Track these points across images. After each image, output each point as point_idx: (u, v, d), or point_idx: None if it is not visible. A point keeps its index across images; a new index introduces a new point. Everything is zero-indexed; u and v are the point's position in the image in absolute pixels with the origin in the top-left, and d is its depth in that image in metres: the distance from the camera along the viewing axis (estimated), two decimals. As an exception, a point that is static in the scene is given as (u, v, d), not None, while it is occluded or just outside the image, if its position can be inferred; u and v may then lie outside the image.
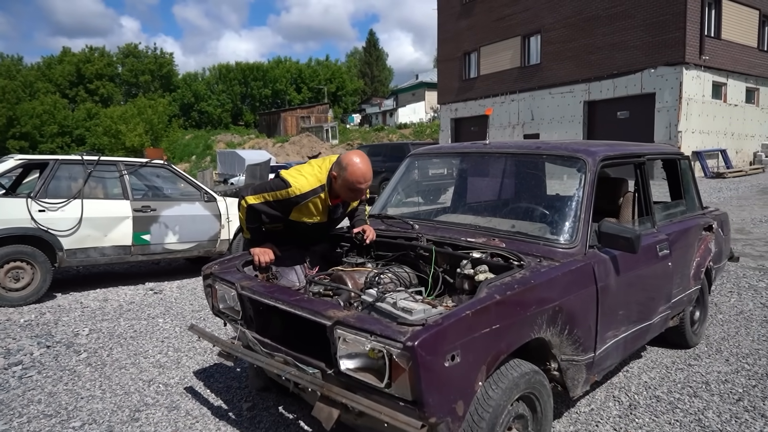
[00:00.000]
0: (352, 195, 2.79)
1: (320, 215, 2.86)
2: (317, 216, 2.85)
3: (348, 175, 2.69)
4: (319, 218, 2.87)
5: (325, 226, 2.97)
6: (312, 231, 2.97)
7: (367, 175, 2.72)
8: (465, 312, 1.91)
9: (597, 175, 2.75)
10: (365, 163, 2.73)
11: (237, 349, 2.51)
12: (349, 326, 1.96)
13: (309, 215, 2.83)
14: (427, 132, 39.62)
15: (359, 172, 2.69)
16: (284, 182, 2.76)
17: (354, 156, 2.73)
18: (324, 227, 2.98)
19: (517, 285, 2.15)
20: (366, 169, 2.72)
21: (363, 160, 2.72)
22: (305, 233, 3.01)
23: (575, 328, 2.38)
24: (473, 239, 2.74)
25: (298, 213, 2.82)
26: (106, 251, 5.87)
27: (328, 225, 3.00)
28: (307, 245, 3.15)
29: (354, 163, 2.70)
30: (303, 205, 2.78)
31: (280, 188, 2.76)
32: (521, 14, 22.95)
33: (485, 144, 3.28)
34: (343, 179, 2.71)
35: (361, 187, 2.73)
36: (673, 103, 17.93)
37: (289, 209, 2.81)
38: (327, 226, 2.99)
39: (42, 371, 3.63)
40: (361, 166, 2.69)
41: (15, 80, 50.10)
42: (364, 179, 2.71)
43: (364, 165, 2.71)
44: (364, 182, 2.71)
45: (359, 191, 2.76)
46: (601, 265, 2.57)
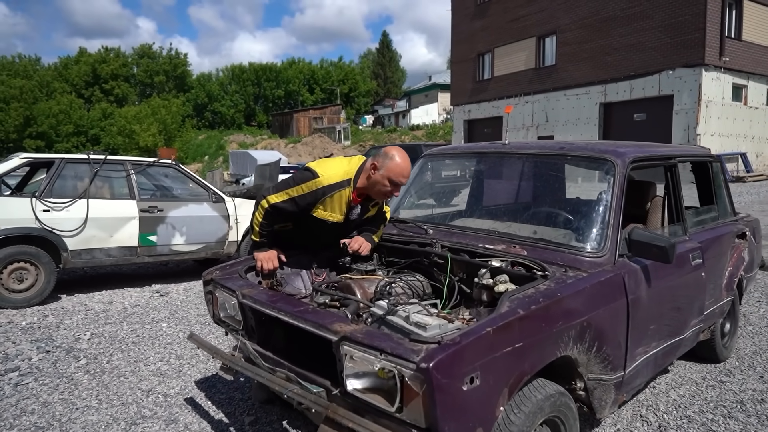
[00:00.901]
0: (386, 190, 2.61)
1: (340, 213, 2.68)
2: (338, 214, 2.68)
3: (393, 166, 2.56)
4: (339, 217, 2.69)
5: (339, 228, 2.76)
6: (325, 232, 2.78)
7: (409, 171, 2.63)
8: (485, 329, 1.72)
9: (627, 177, 2.54)
10: (408, 159, 2.63)
11: (237, 363, 2.34)
12: (357, 342, 1.78)
13: (332, 211, 2.66)
14: (440, 134, 39.39)
15: (405, 165, 2.58)
16: (312, 173, 2.59)
17: (399, 150, 2.62)
18: (337, 229, 2.78)
19: (542, 298, 1.95)
20: (409, 165, 2.63)
21: (406, 155, 2.61)
22: (317, 235, 2.82)
23: (604, 344, 2.18)
24: (492, 246, 2.55)
25: (322, 209, 2.65)
26: (112, 252, 5.74)
27: (342, 227, 2.78)
28: (315, 249, 2.97)
29: (401, 155, 2.59)
30: (328, 198, 2.61)
31: (307, 180, 2.59)
32: (536, 15, 22.67)
33: (504, 144, 3.08)
34: (387, 169, 2.56)
35: (401, 182, 2.60)
36: (691, 106, 17.57)
37: (314, 204, 2.63)
38: (341, 229, 2.78)
39: (39, 378, 3.49)
40: (406, 161, 2.59)
41: (32, 80, 50.66)
42: (407, 174, 2.61)
43: (407, 160, 2.62)
44: (404, 178, 2.60)
45: (396, 186, 2.61)
46: (632, 276, 2.36)
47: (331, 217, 2.66)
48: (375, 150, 17.69)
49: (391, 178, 2.57)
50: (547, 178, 2.94)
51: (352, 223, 2.79)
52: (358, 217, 2.78)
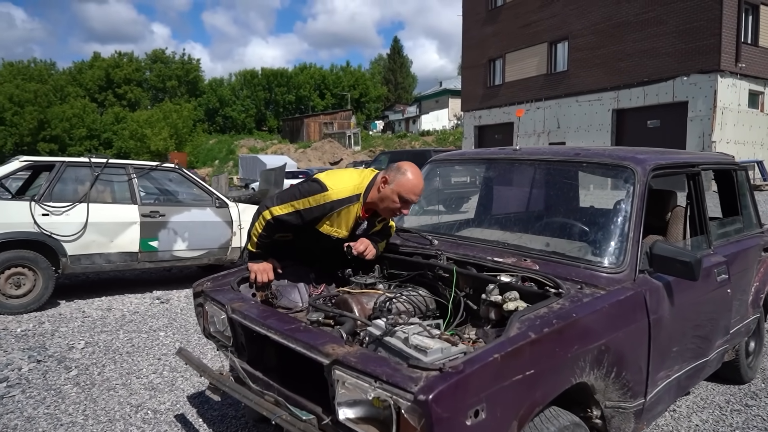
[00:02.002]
0: (395, 207, 2.45)
1: (347, 230, 2.52)
2: (344, 230, 2.52)
3: (405, 181, 2.40)
4: (345, 233, 2.53)
5: (342, 243, 2.59)
6: (326, 243, 2.61)
7: (421, 188, 2.46)
8: (492, 355, 1.54)
9: (647, 186, 2.35)
10: (421, 175, 2.48)
11: (225, 383, 2.18)
12: (350, 367, 1.61)
13: (338, 227, 2.51)
14: (450, 139, 39.20)
15: (416, 182, 2.42)
16: (321, 185, 2.43)
17: (411, 165, 2.47)
18: (340, 244, 2.60)
19: (555, 319, 1.77)
20: (421, 182, 2.46)
21: (419, 172, 2.47)
22: (319, 248, 2.66)
23: (624, 369, 1.99)
24: (501, 259, 2.37)
25: (329, 224, 2.49)
26: (112, 258, 5.62)
27: (346, 240, 2.59)
28: (313, 260, 2.81)
29: (413, 171, 2.44)
30: (336, 213, 2.46)
31: (314, 192, 2.42)
32: (548, 20, 22.45)
33: (515, 149, 2.90)
34: (397, 184, 2.41)
35: (412, 200, 2.44)
36: (706, 112, 17.25)
37: (320, 219, 2.47)
38: (344, 241, 2.60)
39: (26, 390, 3.35)
40: (418, 177, 2.44)
41: (47, 84, 51.19)
42: (419, 191, 2.45)
43: (420, 177, 2.46)
44: (416, 195, 2.44)
45: (406, 203, 2.45)
46: (654, 294, 2.17)
47: (336, 233, 2.51)
48: (384, 155, 17.53)
49: (402, 195, 2.41)
50: (561, 186, 2.76)
51: (356, 238, 2.61)
52: (363, 232, 2.61)
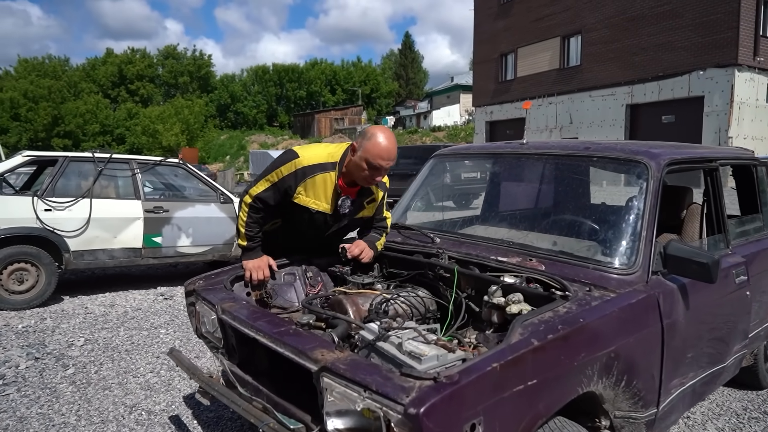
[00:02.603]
0: (367, 175, 2.33)
1: (327, 202, 2.43)
2: (323, 203, 2.43)
3: (370, 146, 2.28)
4: (325, 206, 2.44)
5: (329, 222, 2.51)
6: (315, 227, 2.52)
7: (390, 153, 2.29)
8: (491, 364, 1.43)
9: (662, 182, 2.22)
10: (391, 139, 2.32)
11: (214, 386, 2.09)
12: (339, 375, 1.50)
13: (316, 198, 2.41)
14: (461, 135, 38.92)
15: (382, 146, 2.27)
16: (292, 154, 2.42)
17: (381, 129, 2.34)
18: (328, 224, 2.52)
19: (561, 325, 1.65)
20: (390, 146, 2.29)
21: (390, 135, 2.32)
22: (310, 233, 2.57)
23: (635, 378, 1.86)
24: (505, 259, 2.25)
25: (303, 192, 2.40)
26: (115, 253, 5.57)
27: (333, 222, 2.52)
28: (310, 258, 2.71)
29: (379, 134, 2.29)
30: (310, 181, 2.38)
31: (286, 161, 2.39)
32: (561, 14, 22.14)
33: (522, 144, 2.77)
34: (364, 150, 2.29)
35: (380, 165, 2.28)
36: (723, 107, 16.90)
37: (295, 188, 2.40)
38: (332, 223, 2.53)
39: (22, 389, 3.29)
40: (386, 141, 2.28)
41: (61, 80, 51.65)
42: (387, 156, 2.28)
43: (389, 141, 2.30)
44: (384, 160, 2.28)
45: (376, 170, 2.31)
46: (668, 297, 2.04)
47: (315, 204, 2.42)
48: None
49: (369, 160, 2.28)
50: (570, 181, 2.62)
51: (344, 219, 2.52)
52: (350, 211, 2.49)
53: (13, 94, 46.22)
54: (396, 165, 11.08)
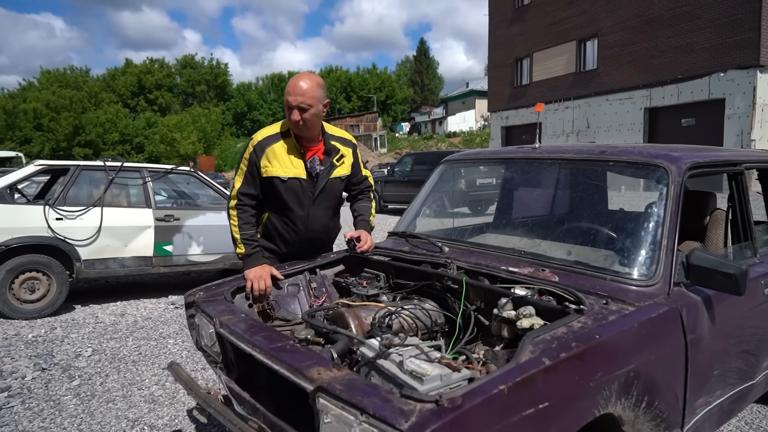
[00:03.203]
0: (287, 114, 2.43)
1: (294, 167, 2.47)
2: (291, 167, 2.47)
3: (286, 89, 2.43)
4: (295, 171, 2.47)
5: (306, 188, 2.51)
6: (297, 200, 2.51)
7: (293, 86, 2.37)
8: (498, 387, 1.32)
9: (683, 187, 2.09)
10: (308, 78, 2.41)
11: (211, 403, 2.00)
12: (335, 396, 1.40)
13: (282, 166, 2.46)
14: (477, 141, 38.75)
15: (291, 84, 2.39)
16: (250, 139, 2.59)
17: (306, 72, 2.52)
18: (306, 191, 2.51)
19: (575, 342, 1.53)
20: (294, 81, 2.39)
21: (309, 75, 2.44)
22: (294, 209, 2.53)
23: (656, 398, 1.73)
24: (516, 269, 2.13)
25: (268, 164, 2.46)
26: (126, 262, 5.55)
27: (311, 187, 2.52)
28: (314, 267, 2.62)
29: (297, 75, 2.45)
30: (269, 151, 2.46)
31: (245, 148, 2.55)
32: (577, 18, 21.91)
33: (534, 148, 2.65)
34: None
35: (288, 101, 2.37)
36: (745, 110, 16.52)
37: (260, 165, 2.47)
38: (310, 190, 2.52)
39: (26, 401, 3.25)
40: (299, 77, 2.41)
41: (82, 91, 52.65)
42: (291, 91, 2.37)
43: (304, 77, 2.41)
44: (289, 96, 2.37)
45: (289, 109, 2.38)
46: (691, 310, 1.90)
47: (284, 172, 2.45)
48: (408, 157, 17.31)
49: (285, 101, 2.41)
50: (585, 187, 2.49)
51: (321, 180, 2.52)
52: (323, 171, 2.52)
53: (36, 104, 47.24)
54: (410, 171, 11.16)
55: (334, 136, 2.60)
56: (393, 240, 2.84)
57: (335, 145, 2.56)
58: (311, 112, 2.37)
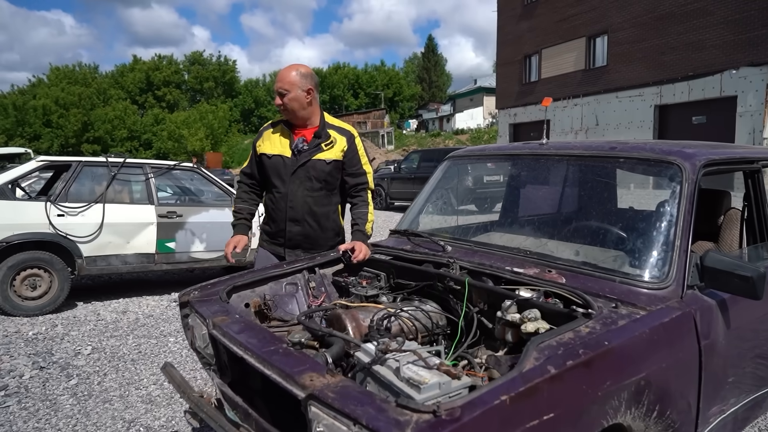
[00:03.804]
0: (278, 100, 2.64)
1: (282, 146, 2.69)
2: (279, 147, 2.70)
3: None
4: (281, 150, 2.69)
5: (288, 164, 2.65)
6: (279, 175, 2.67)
7: (279, 74, 2.61)
8: (499, 397, 1.23)
9: (698, 186, 1.99)
10: (293, 67, 2.62)
11: (204, 408, 1.93)
12: (327, 405, 1.33)
13: (271, 144, 2.71)
14: (485, 138, 38.52)
15: (279, 74, 2.63)
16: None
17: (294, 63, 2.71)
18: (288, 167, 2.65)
19: (583, 349, 1.44)
20: (284, 69, 2.63)
21: (294, 65, 2.63)
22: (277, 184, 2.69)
23: (668, 407, 1.64)
24: (521, 269, 2.04)
25: (261, 144, 2.75)
26: (129, 259, 5.50)
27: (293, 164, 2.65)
28: (313, 266, 2.55)
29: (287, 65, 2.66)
30: (266, 133, 2.76)
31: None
32: (587, 14, 21.67)
33: (541, 144, 2.56)
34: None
35: (276, 88, 2.60)
36: (758, 107, 16.26)
37: (256, 145, 2.79)
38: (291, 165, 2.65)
39: (22, 400, 3.20)
40: (283, 69, 2.64)
41: (90, 87, 52.83)
42: (277, 78, 2.62)
43: (291, 66, 2.63)
44: (277, 80, 2.61)
45: (278, 95, 2.61)
46: (705, 315, 1.81)
47: (271, 149, 2.68)
48: (415, 154, 17.20)
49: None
50: (594, 185, 2.40)
51: (302, 157, 2.64)
52: (306, 150, 2.66)
53: (45, 101, 47.45)
54: (417, 168, 11.09)
55: (331, 125, 2.74)
56: (395, 238, 2.76)
57: (328, 132, 2.70)
58: (290, 97, 2.57)
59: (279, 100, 2.60)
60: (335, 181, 2.71)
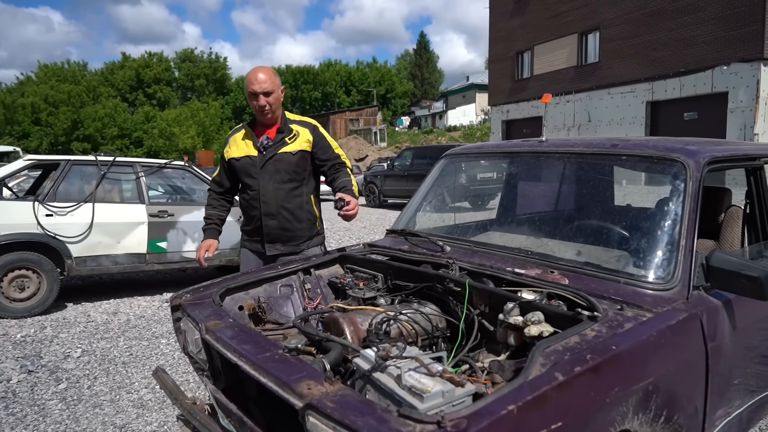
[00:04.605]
0: (254, 105, 2.62)
1: (248, 148, 2.72)
2: (245, 149, 2.72)
3: (245, 80, 2.63)
4: (247, 151, 2.72)
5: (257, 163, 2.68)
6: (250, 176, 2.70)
7: (254, 76, 2.57)
8: (506, 407, 1.18)
9: (702, 183, 1.95)
10: (264, 69, 2.63)
11: (196, 414, 1.87)
12: (326, 416, 1.27)
13: (237, 148, 2.74)
14: (477, 135, 38.54)
15: (249, 76, 2.60)
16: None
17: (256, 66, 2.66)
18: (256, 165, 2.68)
19: (590, 354, 1.40)
20: (254, 71, 2.59)
21: (263, 67, 2.65)
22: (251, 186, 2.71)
23: (676, 412, 1.60)
24: (523, 270, 1.99)
25: (228, 150, 2.78)
26: (119, 259, 5.42)
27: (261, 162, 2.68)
28: (308, 267, 2.49)
29: (252, 68, 2.65)
30: (231, 139, 2.79)
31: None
32: (578, 10, 21.69)
33: (540, 141, 2.51)
34: (244, 87, 2.66)
35: (253, 90, 2.57)
36: (748, 103, 16.34)
37: (224, 154, 2.81)
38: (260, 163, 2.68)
39: (10, 405, 3.12)
40: (256, 69, 2.61)
41: (80, 85, 52.34)
42: (254, 81, 2.57)
43: (254, 68, 2.62)
44: (253, 85, 2.57)
45: (254, 96, 2.58)
46: (712, 316, 1.77)
47: (238, 153, 2.72)
48: (408, 151, 17.11)
49: (247, 92, 2.62)
50: (596, 183, 2.35)
51: (268, 152, 2.67)
52: (271, 145, 2.68)
53: (34, 99, 46.95)
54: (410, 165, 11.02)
55: (291, 120, 2.77)
56: (392, 238, 2.71)
57: (290, 127, 2.71)
58: (274, 96, 2.60)
59: (263, 101, 2.58)
60: (304, 171, 2.74)
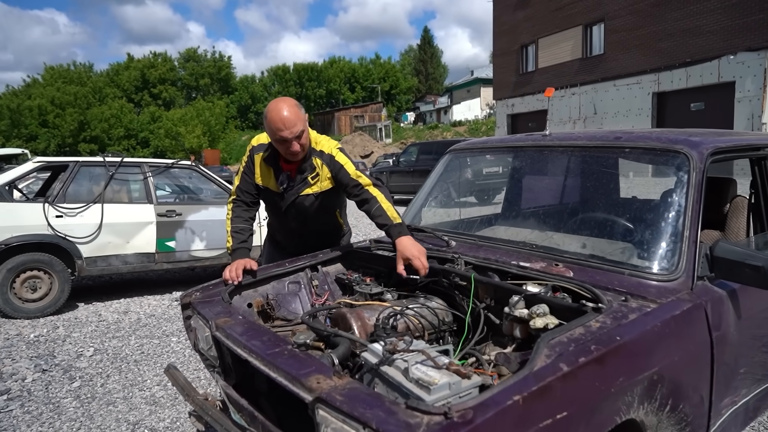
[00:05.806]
0: (283, 149, 2.32)
1: (270, 179, 2.48)
2: (268, 179, 2.49)
3: (267, 125, 2.26)
4: (270, 183, 2.49)
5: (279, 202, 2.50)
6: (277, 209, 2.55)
7: (284, 121, 2.20)
8: (512, 397, 1.20)
9: (706, 174, 1.96)
10: (289, 105, 2.24)
11: (208, 410, 1.90)
12: (335, 408, 1.30)
13: (263, 176, 2.49)
14: (483, 129, 38.45)
15: (274, 118, 2.21)
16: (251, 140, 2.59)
17: (273, 103, 2.28)
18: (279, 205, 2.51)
19: (595, 345, 1.41)
20: (280, 116, 2.20)
21: (279, 106, 2.24)
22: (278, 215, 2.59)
23: (681, 401, 1.62)
24: (527, 264, 2.01)
25: (258, 174, 2.50)
26: (129, 259, 5.47)
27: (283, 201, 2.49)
28: (315, 264, 2.52)
29: (271, 109, 2.25)
30: (257, 158, 2.48)
31: (246, 149, 2.57)
32: (583, 2, 21.57)
33: (544, 135, 2.52)
34: (267, 130, 2.31)
35: (282, 137, 2.23)
36: (756, 92, 16.21)
37: (253, 169, 2.51)
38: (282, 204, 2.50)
39: (25, 404, 3.17)
40: (275, 112, 2.21)
41: (86, 86, 52.63)
42: (283, 126, 2.21)
43: (278, 111, 2.21)
44: (282, 131, 2.22)
45: (285, 143, 2.26)
46: (716, 306, 1.78)
47: (261, 180, 2.49)
48: (413, 147, 17.11)
49: (273, 137, 2.29)
50: (600, 176, 2.36)
51: (290, 196, 2.46)
52: (291, 187, 2.45)
53: (41, 101, 47.28)
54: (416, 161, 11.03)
55: (312, 149, 2.45)
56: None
57: (312, 163, 2.43)
58: (305, 135, 2.33)
59: (296, 146, 2.28)
60: (329, 203, 2.57)
